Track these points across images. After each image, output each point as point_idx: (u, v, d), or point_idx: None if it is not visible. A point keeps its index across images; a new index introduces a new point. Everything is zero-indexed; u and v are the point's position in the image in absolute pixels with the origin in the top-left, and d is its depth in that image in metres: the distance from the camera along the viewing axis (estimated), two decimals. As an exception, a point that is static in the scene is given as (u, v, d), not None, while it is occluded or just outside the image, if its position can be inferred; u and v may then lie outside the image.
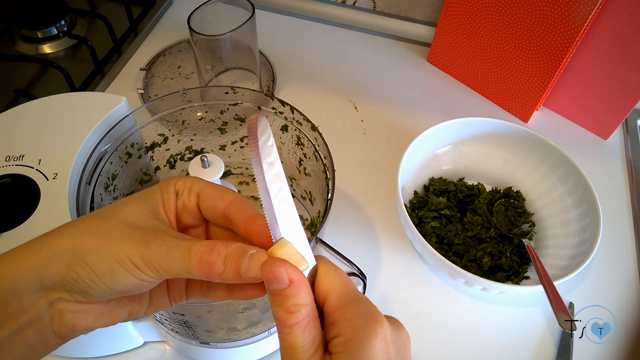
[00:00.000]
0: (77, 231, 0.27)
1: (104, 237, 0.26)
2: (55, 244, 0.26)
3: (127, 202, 0.29)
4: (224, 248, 0.26)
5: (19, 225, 0.39)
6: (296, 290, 0.25)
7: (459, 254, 0.58)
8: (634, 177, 0.69)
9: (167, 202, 0.30)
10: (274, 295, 0.25)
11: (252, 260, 0.26)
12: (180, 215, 0.31)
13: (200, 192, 0.30)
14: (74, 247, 0.26)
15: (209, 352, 0.50)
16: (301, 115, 0.49)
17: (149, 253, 0.26)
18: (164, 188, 0.30)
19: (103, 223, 0.27)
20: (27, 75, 0.77)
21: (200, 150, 0.57)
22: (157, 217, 0.29)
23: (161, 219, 0.29)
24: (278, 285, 0.25)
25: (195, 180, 0.30)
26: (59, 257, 0.26)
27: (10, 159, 0.43)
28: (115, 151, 0.48)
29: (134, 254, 0.26)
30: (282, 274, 0.25)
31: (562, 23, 0.63)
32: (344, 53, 0.83)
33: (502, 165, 0.65)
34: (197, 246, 0.26)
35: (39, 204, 0.41)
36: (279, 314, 0.25)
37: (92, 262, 0.26)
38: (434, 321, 0.56)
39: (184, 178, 0.31)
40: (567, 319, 0.50)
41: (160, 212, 0.29)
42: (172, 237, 0.27)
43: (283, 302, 0.25)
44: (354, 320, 0.25)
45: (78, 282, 0.26)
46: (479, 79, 0.77)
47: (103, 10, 0.87)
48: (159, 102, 0.50)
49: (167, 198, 0.30)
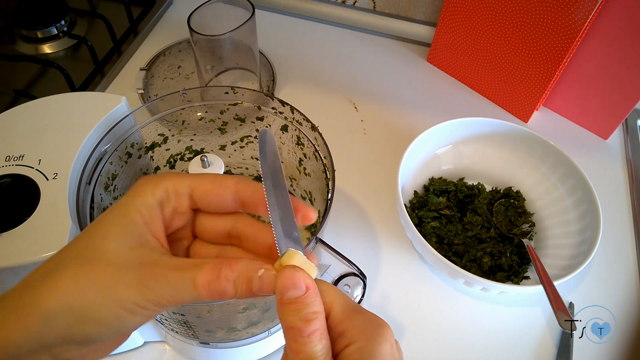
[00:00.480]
0: (67, 285, 0.24)
1: (99, 288, 0.24)
2: (49, 304, 0.24)
3: (107, 235, 0.26)
4: (230, 272, 0.25)
5: (19, 225, 0.39)
6: (313, 297, 0.25)
7: (459, 254, 0.58)
8: (634, 177, 0.69)
9: (150, 220, 0.27)
10: (289, 304, 0.25)
11: (263, 280, 0.25)
12: (171, 222, 0.29)
13: (192, 192, 0.28)
14: (72, 306, 0.24)
15: (209, 352, 0.50)
16: (301, 115, 0.49)
17: (153, 295, 0.24)
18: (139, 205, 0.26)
19: (92, 270, 0.25)
20: (27, 75, 0.77)
21: (200, 150, 0.57)
22: (144, 244, 0.26)
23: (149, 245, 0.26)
24: (295, 292, 0.25)
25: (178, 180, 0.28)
26: (57, 319, 0.24)
27: (10, 159, 0.43)
28: (115, 151, 0.48)
29: (138, 298, 0.24)
30: (300, 280, 0.25)
31: (562, 23, 0.63)
32: (344, 53, 0.83)
33: (502, 165, 0.65)
34: (202, 276, 0.25)
35: (39, 204, 0.41)
36: (296, 323, 0.24)
37: (96, 316, 0.24)
38: (434, 321, 0.56)
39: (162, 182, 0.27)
40: (567, 319, 0.50)
41: (145, 235, 0.26)
42: (171, 269, 0.25)
43: (300, 310, 0.24)
44: (363, 327, 0.25)
45: (84, 336, 0.25)
46: (479, 79, 0.77)
47: (103, 10, 0.87)
48: (159, 102, 0.50)
49: (149, 215, 0.27)
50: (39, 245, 0.39)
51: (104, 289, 0.24)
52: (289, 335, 0.25)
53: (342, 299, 0.26)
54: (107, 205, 0.47)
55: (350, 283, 0.35)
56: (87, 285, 0.24)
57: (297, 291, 0.25)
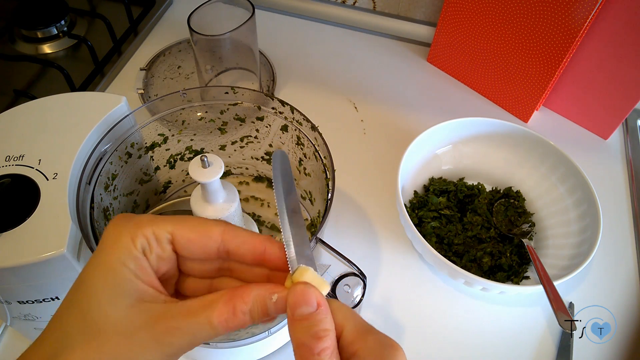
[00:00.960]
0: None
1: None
2: None
3: (100, 300, 0.24)
4: (244, 305, 0.25)
5: (19, 225, 0.39)
6: (324, 314, 0.24)
7: (459, 254, 0.58)
8: (634, 177, 0.69)
9: (139, 271, 0.25)
10: (300, 321, 0.24)
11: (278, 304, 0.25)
12: (158, 269, 0.27)
13: (172, 239, 0.26)
14: None
15: (209, 352, 0.50)
16: (301, 115, 0.49)
17: (172, 348, 0.24)
18: (123, 258, 0.24)
19: (101, 345, 0.23)
20: (27, 75, 0.77)
21: (200, 150, 0.57)
22: (142, 297, 0.24)
23: (148, 296, 0.25)
24: (307, 309, 0.24)
25: (157, 227, 0.26)
26: None
27: (10, 159, 0.43)
28: (115, 151, 0.48)
29: (158, 356, 0.24)
30: (312, 297, 0.24)
31: (562, 23, 0.63)
32: (344, 53, 0.83)
33: (502, 165, 0.65)
34: (218, 316, 0.24)
35: (39, 204, 0.41)
36: (306, 340, 0.24)
37: None
38: (434, 321, 0.56)
39: (140, 229, 0.25)
40: (567, 319, 0.50)
41: (140, 288, 0.25)
42: (182, 317, 0.24)
43: (311, 327, 0.24)
44: (375, 349, 0.24)
45: None
46: (479, 79, 0.77)
47: (103, 10, 0.87)
48: (159, 102, 0.50)
49: (136, 266, 0.25)
50: (39, 245, 0.39)
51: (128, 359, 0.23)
52: (299, 353, 0.24)
53: (354, 319, 0.26)
54: (107, 205, 0.47)
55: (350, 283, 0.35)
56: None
57: (309, 307, 0.24)
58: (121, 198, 0.51)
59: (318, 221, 0.55)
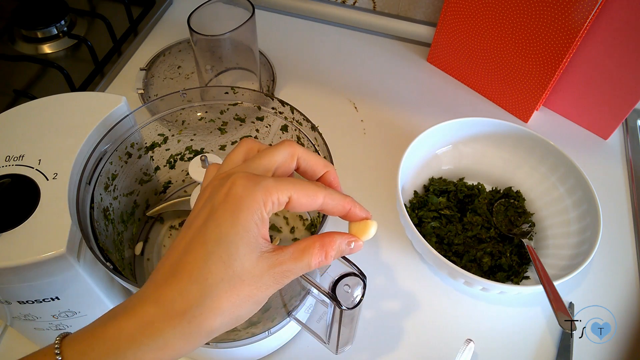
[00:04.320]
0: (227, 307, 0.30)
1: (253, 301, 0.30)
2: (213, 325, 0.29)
3: (242, 256, 0.30)
4: (332, 251, 0.32)
5: (19, 225, 0.39)
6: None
7: (459, 254, 0.58)
8: (634, 177, 0.69)
9: (264, 228, 0.31)
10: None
11: (353, 248, 0.34)
12: None
13: (289, 201, 0.32)
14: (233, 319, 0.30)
15: (209, 352, 0.50)
16: (301, 115, 0.49)
17: (283, 285, 0.31)
18: (256, 219, 0.30)
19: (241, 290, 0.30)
20: (27, 75, 0.77)
21: (200, 150, 0.57)
22: (262, 250, 0.31)
23: (265, 248, 0.31)
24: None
25: (282, 193, 0.31)
26: (219, 330, 0.30)
27: (10, 159, 0.43)
28: (115, 151, 0.48)
29: (274, 292, 0.31)
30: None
31: (562, 23, 0.63)
32: (344, 53, 0.83)
33: (502, 165, 0.65)
34: (315, 259, 0.31)
35: (39, 204, 0.41)
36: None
37: (248, 316, 0.31)
38: (434, 321, 0.56)
39: (271, 196, 0.30)
40: (567, 319, 0.50)
41: (260, 242, 0.31)
42: (291, 262, 0.31)
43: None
44: None
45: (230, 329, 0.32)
46: (479, 79, 0.77)
47: (103, 10, 0.87)
48: (159, 102, 0.50)
49: (262, 225, 0.31)
50: (39, 245, 0.39)
51: (255, 299, 0.30)
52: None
53: None
54: (107, 205, 0.47)
55: (350, 283, 0.35)
56: (242, 301, 0.30)
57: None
58: (121, 198, 0.51)
59: (318, 221, 0.55)
